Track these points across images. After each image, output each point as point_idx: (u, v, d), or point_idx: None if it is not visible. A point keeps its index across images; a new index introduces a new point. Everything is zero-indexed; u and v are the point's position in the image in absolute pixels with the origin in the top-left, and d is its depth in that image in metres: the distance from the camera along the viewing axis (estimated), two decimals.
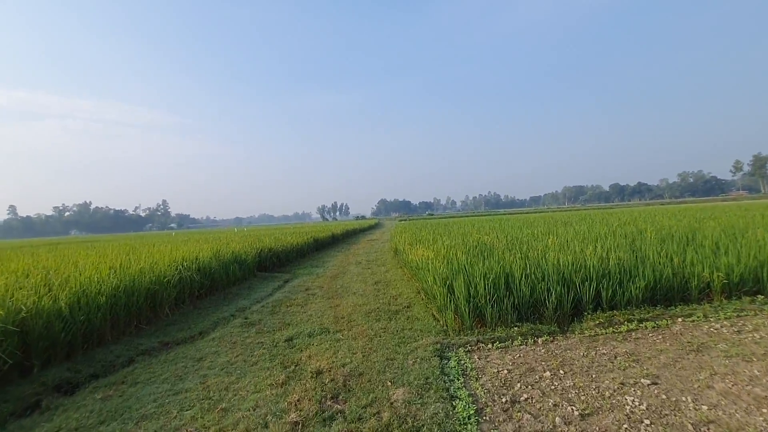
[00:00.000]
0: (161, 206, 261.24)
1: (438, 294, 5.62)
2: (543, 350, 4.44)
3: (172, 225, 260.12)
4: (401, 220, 76.71)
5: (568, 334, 4.85)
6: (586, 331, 4.85)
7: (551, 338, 4.75)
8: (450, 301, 5.44)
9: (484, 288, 5.29)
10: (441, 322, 5.57)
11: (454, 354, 4.46)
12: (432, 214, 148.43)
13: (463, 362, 4.24)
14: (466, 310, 5.14)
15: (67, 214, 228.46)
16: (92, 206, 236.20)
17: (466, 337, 4.85)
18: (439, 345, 4.66)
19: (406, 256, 10.08)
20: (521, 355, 4.38)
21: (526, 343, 4.67)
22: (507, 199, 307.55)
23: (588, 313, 5.27)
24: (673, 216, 16.43)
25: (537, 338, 4.77)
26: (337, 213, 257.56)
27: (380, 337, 5.17)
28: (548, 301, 5.20)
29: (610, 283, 5.45)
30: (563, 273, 5.57)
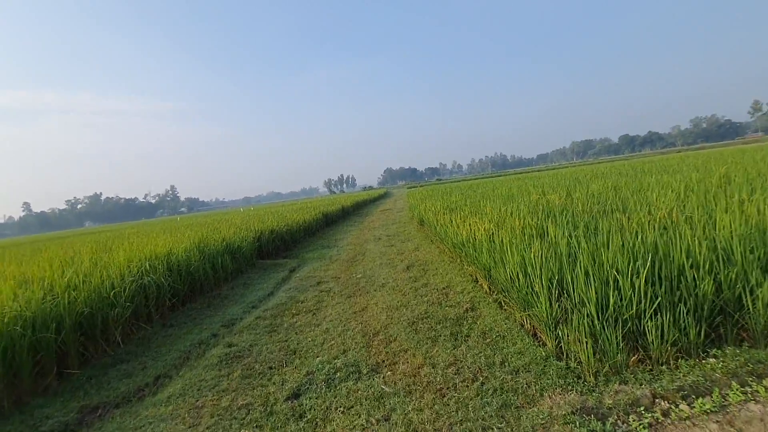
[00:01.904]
0: (170, 192, 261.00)
1: (542, 301, 3.30)
2: None
3: (182, 209, 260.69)
4: (410, 188, 74.00)
5: None
6: None
7: None
8: (567, 315, 3.14)
9: (630, 287, 2.95)
10: (549, 346, 3.28)
11: None
12: (440, 180, 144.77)
13: None
14: (610, 333, 2.82)
15: (79, 206, 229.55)
16: (103, 197, 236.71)
17: (625, 389, 2.56)
18: (582, 414, 2.38)
19: (442, 230, 7.76)
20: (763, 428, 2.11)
21: (752, 393, 2.38)
22: (514, 159, 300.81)
23: None
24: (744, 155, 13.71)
25: (765, 381, 2.47)
26: (344, 185, 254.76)
27: (455, 388, 2.90)
28: (749, 303, 2.86)
29: None
30: (757, 250, 3.17)
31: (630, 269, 3.03)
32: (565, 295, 3.35)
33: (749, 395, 2.37)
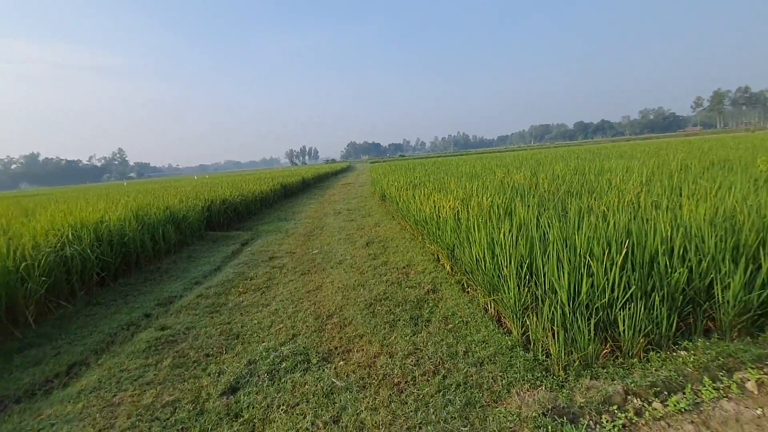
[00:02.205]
0: (118, 155, 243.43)
1: (510, 286, 3.05)
2: None
3: (131, 174, 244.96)
4: (373, 162, 73.20)
5: None
6: None
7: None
8: (536, 302, 2.92)
9: (605, 275, 2.75)
10: (515, 334, 3.06)
11: None
12: (403, 156, 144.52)
13: None
14: (582, 323, 2.61)
15: (13, 166, 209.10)
16: (41, 157, 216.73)
17: (597, 385, 2.36)
18: (554, 416, 2.15)
19: (404, 206, 7.45)
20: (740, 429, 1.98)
21: (724, 390, 2.26)
22: (475, 140, 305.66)
23: None
24: (698, 148, 14.38)
25: (735, 376, 2.37)
26: (306, 157, 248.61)
27: (415, 383, 2.60)
28: (719, 293, 2.75)
29: None
30: (727, 238, 3.06)
31: (605, 255, 2.83)
32: (534, 280, 3.13)
33: (722, 392, 2.25)
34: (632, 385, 2.33)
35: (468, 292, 4.15)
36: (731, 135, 40.23)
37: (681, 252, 2.95)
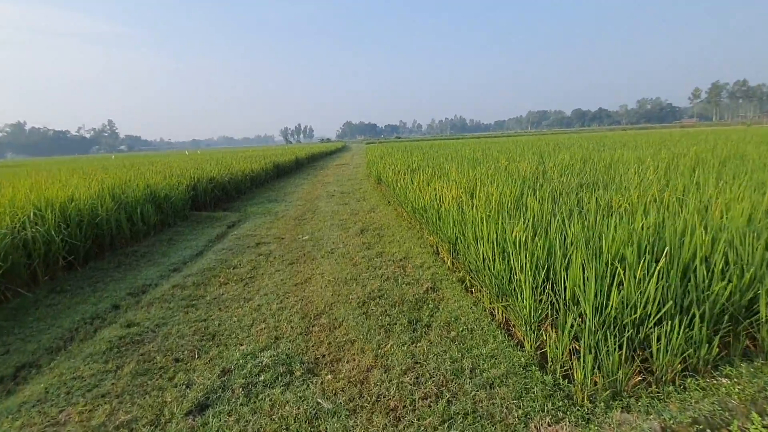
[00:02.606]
0: (107, 127, 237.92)
1: (525, 294, 2.66)
2: None
3: (121, 147, 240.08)
4: (368, 143, 72.14)
5: None
6: None
7: None
8: (554, 313, 2.54)
9: (637, 285, 2.36)
10: (528, 349, 2.69)
11: None
12: (399, 137, 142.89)
13: None
14: (611, 341, 2.24)
15: None
16: (28, 126, 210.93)
17: (629, 420, 2.00)
18: None
19: (402, 192, 7.02)
20: None
21: None
22: (472, 124, 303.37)
23: None
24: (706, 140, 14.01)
25: None
26: (301, 136, 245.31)
27: (414, 409, 2.22)
28: (764, 310, 2.39)
29: None
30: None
31: (639, 262, 2.44)
32: (552, 287, 2.75)
33: None
34: (671, 421, 1.97)
35: (472, 292, 3.77)
36: (730, 128, 40.03)
37: (721, 260, 2.57)
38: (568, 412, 2.07)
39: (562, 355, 2.42)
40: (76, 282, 4.65)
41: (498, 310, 3.22)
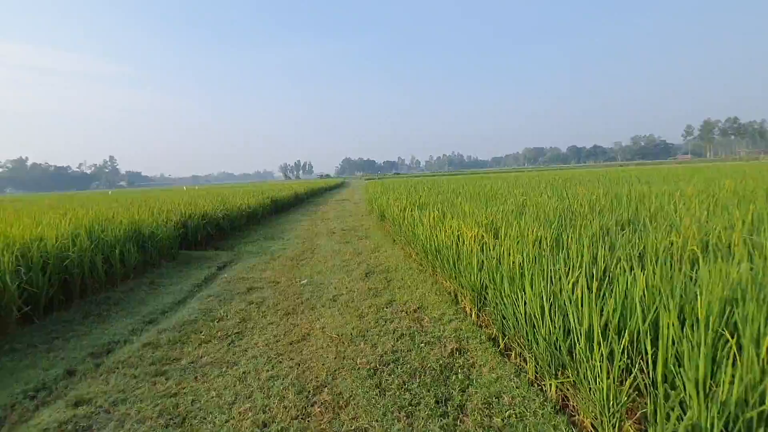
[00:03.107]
0: (108, 163, 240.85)
1: (599, 373, 1.98)
2: None
3: (121, 183, 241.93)
4: (368, 179, 72.48)
5: None
6: None
7: None
8: (636, 392, 1.84)
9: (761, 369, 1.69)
10: None
11: None
12: (398, 173, 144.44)
13: None
14: None
15: (0, 170, 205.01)
16: (29, 162, 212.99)
17: None
18: None
19: (410, 229, 6.40)
20: None
21: None
22: (470, 160, 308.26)
23: None
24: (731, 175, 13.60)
25: None
26: (300, 172, 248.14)
27: None
28: None
29: None
30: None
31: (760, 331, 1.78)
32: (627, 357, 2.07)
33: None
34: None
35: (509, 356, 3.06)
36: (728, 164, 40.12)
37: None
38: None
39: None
40: (31, 338, 3.90)
41: (551, 387, 2.50)
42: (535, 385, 2.63)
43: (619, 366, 2.00)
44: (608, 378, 1.96)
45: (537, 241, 3.31)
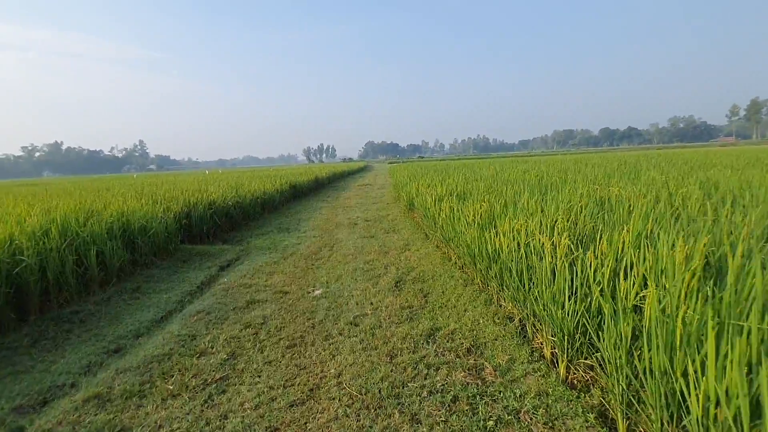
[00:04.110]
0: (138, 147, 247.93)
1: None
2: None
3: (151, 167, 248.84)
4: (391, 163, 70.85)
5: None
6: None
7: None
8: None
9: None
10: None
11: None
12: (422, 157, 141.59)
13: None
14: None
15: (37, 154, 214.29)
16: (64, 146, 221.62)
17: None
18: None
19: (449, 227, 5.15)
20: None
21: None
22: (496, 143, 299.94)
23: None
24: None
25: None
26: (324, 155, 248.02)
27: None
28: None
29: None
30: None
31: None
32: None
33: None
34: None
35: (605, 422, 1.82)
36: None
37: None
38: None
39: None
40: None
41: None
42: None
43: None
44: None
45: (690, 265, 1.99)
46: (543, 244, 2.96)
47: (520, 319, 3.31)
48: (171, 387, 2.67)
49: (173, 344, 3.29)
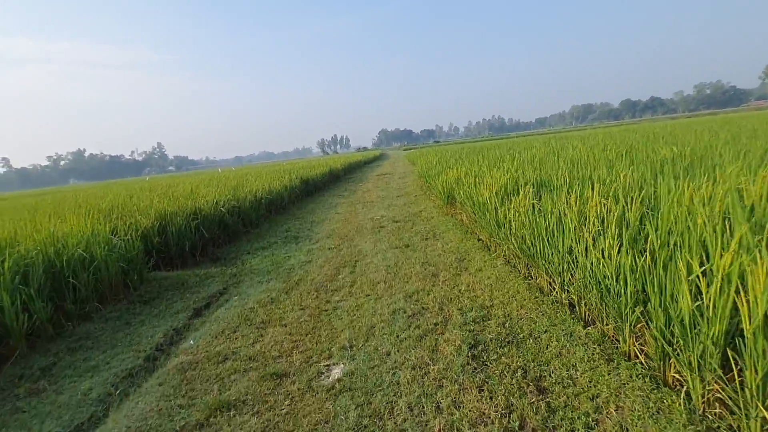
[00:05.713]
0: (157, 149, 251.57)
1: None
2: None
3: (170, 168, 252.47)
4: (406, 149, 68.38)
5: None
6: None
7: None
8: None
9: None
10: None
11: None
12: (438, 142, 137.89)
13: None
14: None
15: (62, 163, 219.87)
16: (87, 153, 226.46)
17: None
18: None
19: (528, 235, 3.16)
20: None
21: None
22: (512, 123, 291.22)
23: None
24: None
25: None
26: (338, 146, 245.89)
27: None
28: None
29: None
30: None
31: None
32: None
33: None
34: None
35: None
36: None
37: None
38: None
39: None
40: None
41: None
42: None
43: None
44: None
45: None
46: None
47: None
48: None
49: None
